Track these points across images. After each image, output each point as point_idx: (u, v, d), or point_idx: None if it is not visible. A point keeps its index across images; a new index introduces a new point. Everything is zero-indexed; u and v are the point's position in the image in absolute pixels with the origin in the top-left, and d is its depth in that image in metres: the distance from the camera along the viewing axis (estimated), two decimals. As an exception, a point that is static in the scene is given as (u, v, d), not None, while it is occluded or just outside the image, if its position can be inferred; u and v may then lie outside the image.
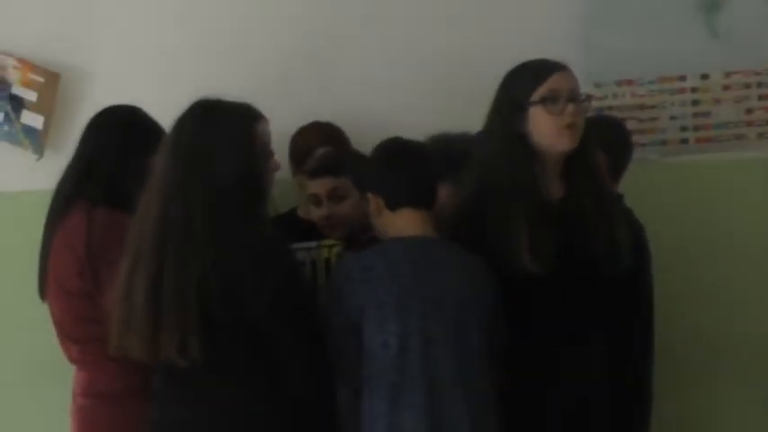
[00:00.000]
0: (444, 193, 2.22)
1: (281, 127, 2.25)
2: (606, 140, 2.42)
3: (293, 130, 2.65)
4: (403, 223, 2.07)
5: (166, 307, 1.90)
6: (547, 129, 2.08)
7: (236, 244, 1.91)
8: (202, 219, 1.92)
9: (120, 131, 2.32)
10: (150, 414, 2.07)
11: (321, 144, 2.56)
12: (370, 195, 2.10)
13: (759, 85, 2.77)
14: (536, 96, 2.08)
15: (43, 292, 2.29)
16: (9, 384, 2.92)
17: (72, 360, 2.26)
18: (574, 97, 2.08)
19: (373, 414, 1.98)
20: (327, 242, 2.49)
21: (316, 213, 2.48)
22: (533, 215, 2.08)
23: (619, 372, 2.25)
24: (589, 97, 2.20)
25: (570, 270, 2.10)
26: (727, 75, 2.77)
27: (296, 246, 2.38)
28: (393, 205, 2.06)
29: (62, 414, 2.37)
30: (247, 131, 2.00)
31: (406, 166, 2.11)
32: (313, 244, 2.48)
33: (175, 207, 1.93)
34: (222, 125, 1.99)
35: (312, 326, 2.00)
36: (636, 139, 2.66)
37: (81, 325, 2.21)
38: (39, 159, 2.86)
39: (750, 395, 2.81)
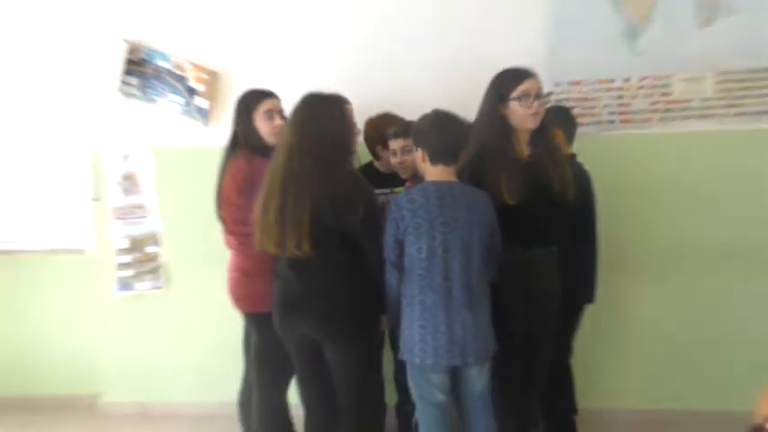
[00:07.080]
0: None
1: (358, 106, 2.63)
2: (562, 122, 2.79)
3: (367, 109, 2.93)
4: (437, 173, 2.30)
5: (289, 222, 2.21)
6: (520, 115, 2.37)
7: (339, 179, 2.20)
8: (312, 167, 2.19)
9: (238, 110, 2.65)
10: (276, 286, 2.38)
11: (389, 126, 2.81)
12: (419, 148, 2.32)
13: (662, 86, 3.13)
14: (514, 94, 2.35)
15: (218, 204, 2.62)
16: (189, 266, 3.53)
17: (229, 245, 2.63)
18: (539, 95, 2.37)
19: (410, 293, 2.27)
20: (397, 189, 2.77)
21: (393, 161, 2.76)
22: (510, 167, 2.36)
23: (567, 270, 2.56)
24: (549, 93, 2.51)
25: (537, 201, 2.39)
26: (642, 79, 3.12)
27: (376, 191, 2.48)
28: (433, 161, 2.30)
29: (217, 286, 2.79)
30: (341, 112, 2.30)
31: (448, 134, 2.24)
32: (387, 191, 2.81)
33: (295, 160, 2.21)
34: (325, 108, 2.28)
35: (380, 235, 2.29)
36: (580, 120, 3.03)
37: (236, 224, 2.58)
38: (206, 127, 3.38)
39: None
